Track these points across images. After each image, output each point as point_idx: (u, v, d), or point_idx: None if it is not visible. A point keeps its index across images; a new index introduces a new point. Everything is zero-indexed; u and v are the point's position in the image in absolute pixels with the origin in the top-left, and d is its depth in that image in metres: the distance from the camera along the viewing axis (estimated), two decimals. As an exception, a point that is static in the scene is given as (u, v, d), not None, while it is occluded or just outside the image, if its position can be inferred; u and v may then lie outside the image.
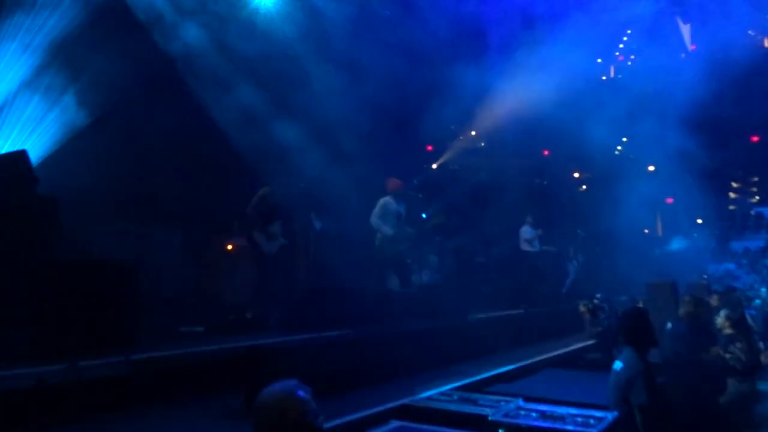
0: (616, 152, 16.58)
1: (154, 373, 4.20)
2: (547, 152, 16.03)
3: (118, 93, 7.41)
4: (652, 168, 16.80)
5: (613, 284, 11.85)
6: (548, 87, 10.46)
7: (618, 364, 4.21)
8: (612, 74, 16.89)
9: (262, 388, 2.10)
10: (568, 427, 3.56)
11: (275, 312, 6.63)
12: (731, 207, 23.18)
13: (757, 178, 23.36)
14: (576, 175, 17.66)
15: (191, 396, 4.27)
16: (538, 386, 5.61)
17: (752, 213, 21.84)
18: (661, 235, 19.34)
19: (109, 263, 5.81)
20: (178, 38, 7.79)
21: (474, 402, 4.15)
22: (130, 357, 4.12)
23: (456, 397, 4.33)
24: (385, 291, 7.55)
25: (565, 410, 3.88)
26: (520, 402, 4.09)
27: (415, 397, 4.39)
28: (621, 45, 16.76)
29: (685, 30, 15.56)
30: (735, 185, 23.63)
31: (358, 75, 8.93)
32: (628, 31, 15.79)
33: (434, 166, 13.41)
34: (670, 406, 5.22)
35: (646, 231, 17.97)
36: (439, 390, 4.65)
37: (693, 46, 15.44)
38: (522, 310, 9.42)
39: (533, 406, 4.00)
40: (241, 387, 4.13)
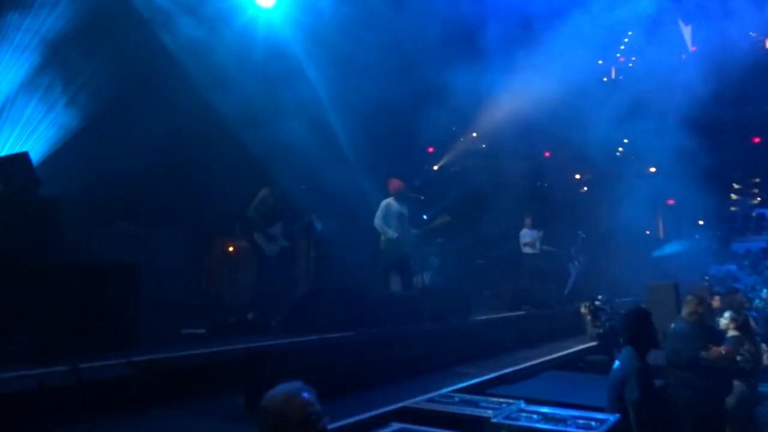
0: (618, 153, 16.57)
1: (156, 375, 4.20)
2: (548, 154, 16.03)
3: (119, 94, 7.41)
4: (653, 169, 16.79)
5: (614, 286, 11.86)
6: (549, 88, 10.46)
7: (616, 364, 4.25)
8: (613, 75, 16.87)
9: (262, 390, 2.10)
10: (570, 430, 3.55)
11: (276, 314, 6.63)
12: (732, 208, 23.19)
13: (758, 180, 23.35)
14: (577, 176, 17.65)
15: (192, 398, 4.27)
16: (540, 388, 5.61)
17: (753, 214, 21.84)
18: (662, 236, 19.33)
19: (110, 265, 5.83)
20: (178, 37, 7.79)
21: (475, 404, 4.13)
22: (132, 358, 4.12)
23: (457, 400, 4.32)
24: (387, 293, 7.54)
25: (566, 412, 3.88)
26: (522, 404, 4.08)
27: (416, 399, 4.38)
28: (622, 46, 16.74)
29: (686, 31, 15.55)
30: (736, 187, 23.61)
31: (359, 75, 8.93)
32: (629, 32, 15.77)
33: (435, 167, 13.41)
34: (669, 409, 5.23)
35: (648, 233, 17.95)
36: (440, 392, 4.64)
37: (694, 48, 15.43)
38: (523, 312, 9.41)
39: (535, 409, 3.99)
40: (241, 389, 4.13)
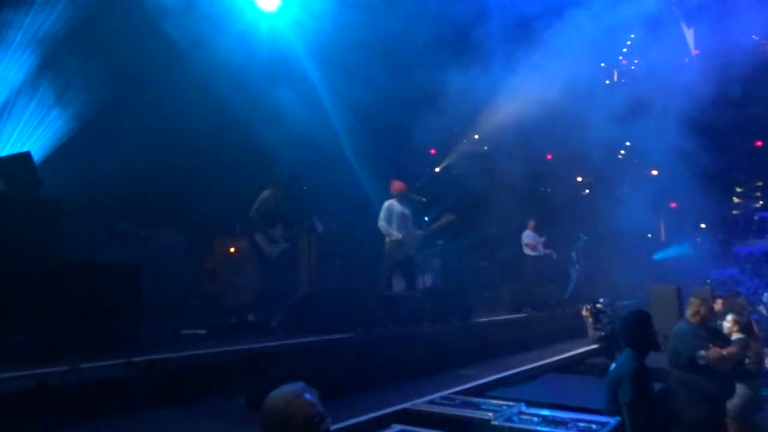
0: (620, 156, 16.55)
1: (156, 376, 4.20)
2: (550, 156, 16.00)
3: (120, 94, 7.42)
4: (655, 172, 16.76)
5: (616, 289, 11.83)
6: (552, 90, 10.46)
7: (613, 365, 4.28)
8: (615, 78, 16.85)
9: (263, 390, 2.10)
10: (570, 432, 3.55)
11: (277, 315, 6.63)
12: (735, 212, 23.12)
13: (760, 183, 23.29)
14: (579, 179, 17.62)
15: (193, 398, 4.27)
16: (541, 391, 5.61)
17: (756, 218, 21.77)
18: (664, 239, 19.31)
19: (111, 265, 5.84)
20: (180, 37, 7.80)
21: (476, 406, 4.14)
22: (132, 359, 4.12)
23: (458, 402, 4.33)
24: (387, 294, 7.54)
25: (567, 415, 3.88)
26: (522, 407, 4.09)
27: (417, 401, 4.38)
28: (624, 49, 16.73)
29: (689, 34, 15.54)
30: (738, 190, 23.56)
31: (361, 77, 8.93)
32: (632, 35, 15.75)
33: (437, 169, 13.40)
34: (669, 412, 5.22)
35: (649, 235, 17.93)
36: (441, 394, 4.64)
37: (696, 51, 15.41)
38: (524, 314, 9.40)
39: (535, 411, 4.00)
40: (242, 390, 4.13)
